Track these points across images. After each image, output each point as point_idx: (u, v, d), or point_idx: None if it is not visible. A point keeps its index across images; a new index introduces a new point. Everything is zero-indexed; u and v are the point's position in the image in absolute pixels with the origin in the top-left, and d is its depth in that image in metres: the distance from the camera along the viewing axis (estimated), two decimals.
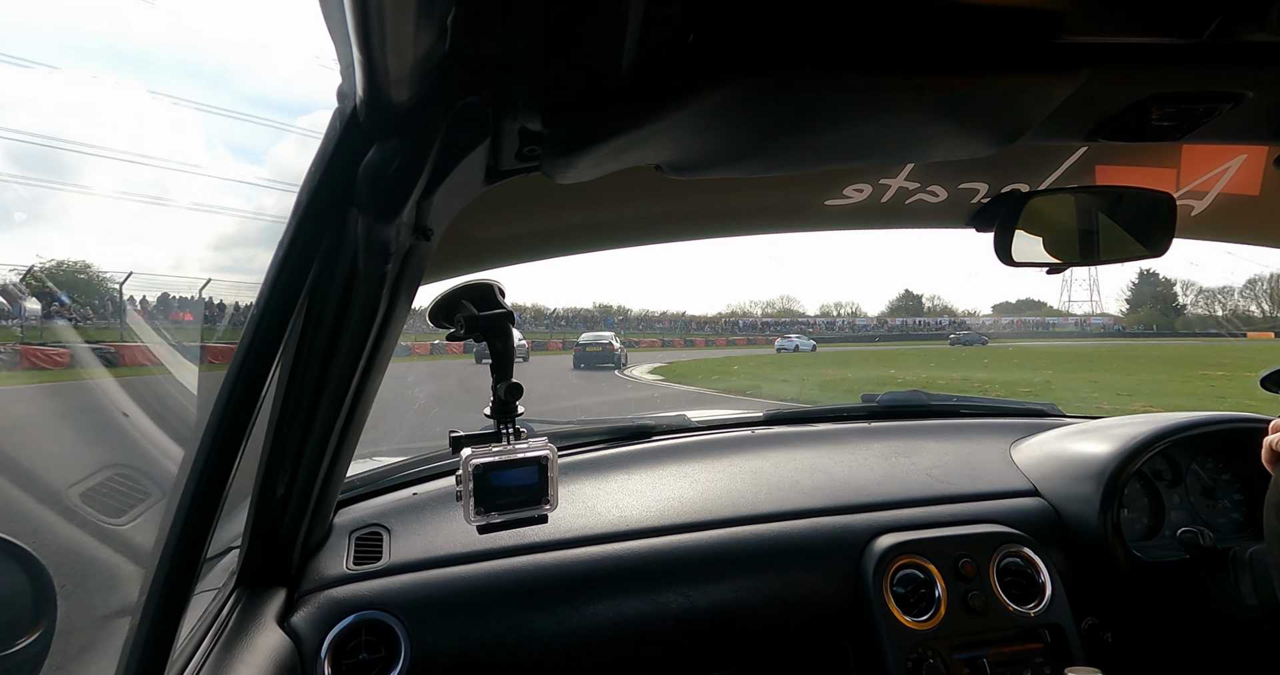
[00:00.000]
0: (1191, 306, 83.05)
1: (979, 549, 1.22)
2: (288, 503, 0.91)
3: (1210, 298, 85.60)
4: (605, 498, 1.27)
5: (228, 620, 0.87)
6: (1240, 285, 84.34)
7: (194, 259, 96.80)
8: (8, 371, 12.06)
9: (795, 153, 0.61)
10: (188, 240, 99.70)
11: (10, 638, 0.66)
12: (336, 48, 0.48)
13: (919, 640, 1.14)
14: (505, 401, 0.79)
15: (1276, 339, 51.45)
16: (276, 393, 0.78)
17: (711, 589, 1.13)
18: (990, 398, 1.98)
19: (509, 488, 0.77)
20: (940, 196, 1.03)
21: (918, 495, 1.34)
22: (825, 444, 1.54)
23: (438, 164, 0.55)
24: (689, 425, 1.61)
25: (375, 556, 1.09)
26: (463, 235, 0.91)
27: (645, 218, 1.06)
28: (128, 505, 1.33)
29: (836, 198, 1.02)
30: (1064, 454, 1.43)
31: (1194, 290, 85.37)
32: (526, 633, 1.04)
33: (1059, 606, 1.20)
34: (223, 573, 1.00)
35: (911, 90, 0.50)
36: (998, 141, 0.59)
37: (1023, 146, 0.60)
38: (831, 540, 1.22)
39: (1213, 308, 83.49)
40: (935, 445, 1.55)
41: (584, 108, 0.51)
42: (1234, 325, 73.83)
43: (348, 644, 0.96)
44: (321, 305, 0.69)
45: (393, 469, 1.34)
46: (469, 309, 0.79)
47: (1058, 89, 0.52)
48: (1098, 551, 1.27)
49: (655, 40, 0.44)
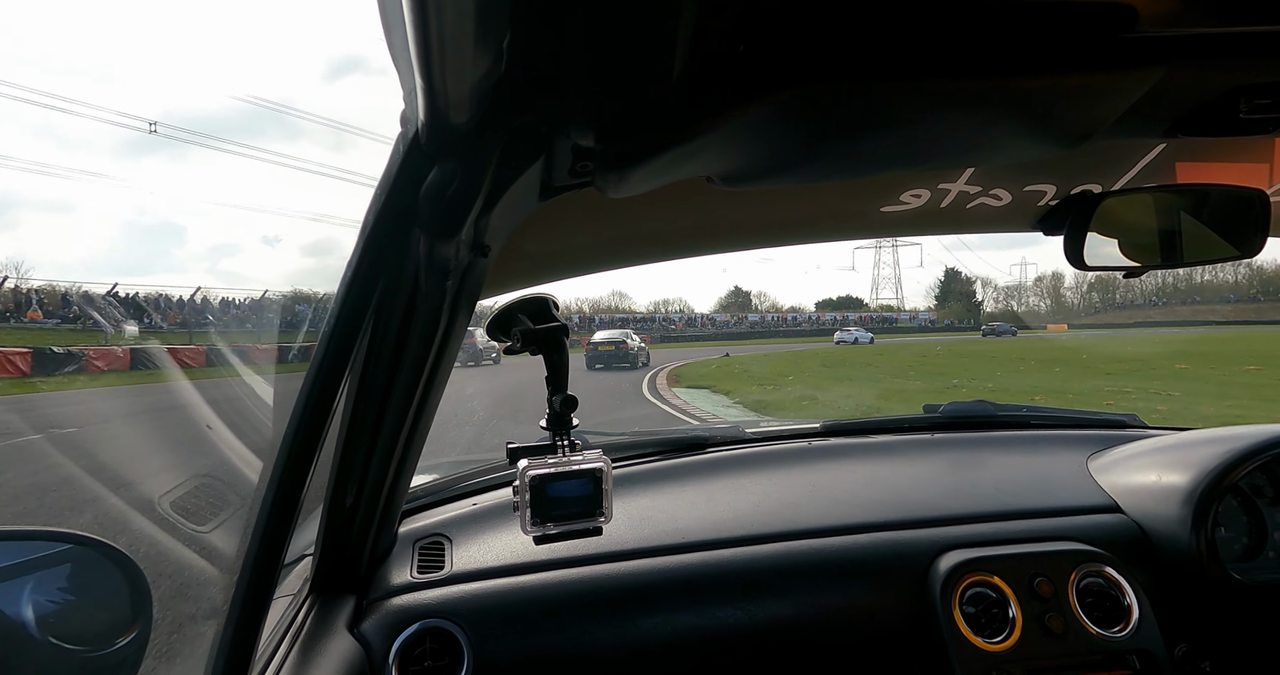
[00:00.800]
0: (993, 303, 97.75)
1: (1056, 567, 1.15)
2: (356, 512, 0.94)
3: (1007, 294, 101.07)
4: (660, 510, 1.27)
5: (303, 625, 0.91)
6: (1030, 282, 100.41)
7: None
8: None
9: (850, 160, 0.60)
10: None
11: (111, 637, 0.71)
12: (400, 74, 0.51)
13: (992, 662, 1.08)
14: (560, 413, 0.80)
15: (1070, 330, 59.99)
16: (345, 407, 0.81)
17: (770, 604, 1.11)
18: (1064, 408, 1.87)
19: (564, 499, 0.78)
20: (1004, 200, 0.99)
21: (986, 510, 1.28)
22: (886, 456, 1.49)
23: (495, 182, 0.57)
24: (744, 436, 1.59)
25: (438, 565, 1.12)
26: (517, 251, 0.94)
27: (697, 229, 1.06)
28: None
29: (893, 204, 0.99)
30: (1150, 467, 1.34)
31: (991, 287, 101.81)
32: (584, 644, 1.04)
33: (1148, 631, 1.12)
34: (297, 580, 1.05)
35: (974, 92, 0.48)
36: (1067, 142, 0.56)
37: (1094, 146, 0.58)
38: (895, 556, 1.18)
39: (1009, 304, 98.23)
40: (1004, 458, 1.48)
41: (636, 123, 0.51)
42: (1031, 319, 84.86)
43: (414, 651, 0.99)
44: (386, 322, 0.72)
45: (454, 480, 1.37)
46: (525, 323, 0.81)
47: (1133, 86, 0.49)
48: (1191, 573, 1.18)
49: (706, 52, 0.45)
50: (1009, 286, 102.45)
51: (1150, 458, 1.38)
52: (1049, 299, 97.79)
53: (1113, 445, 1.50)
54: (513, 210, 0.65)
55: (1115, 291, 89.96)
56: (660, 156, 0.53)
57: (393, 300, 0.69)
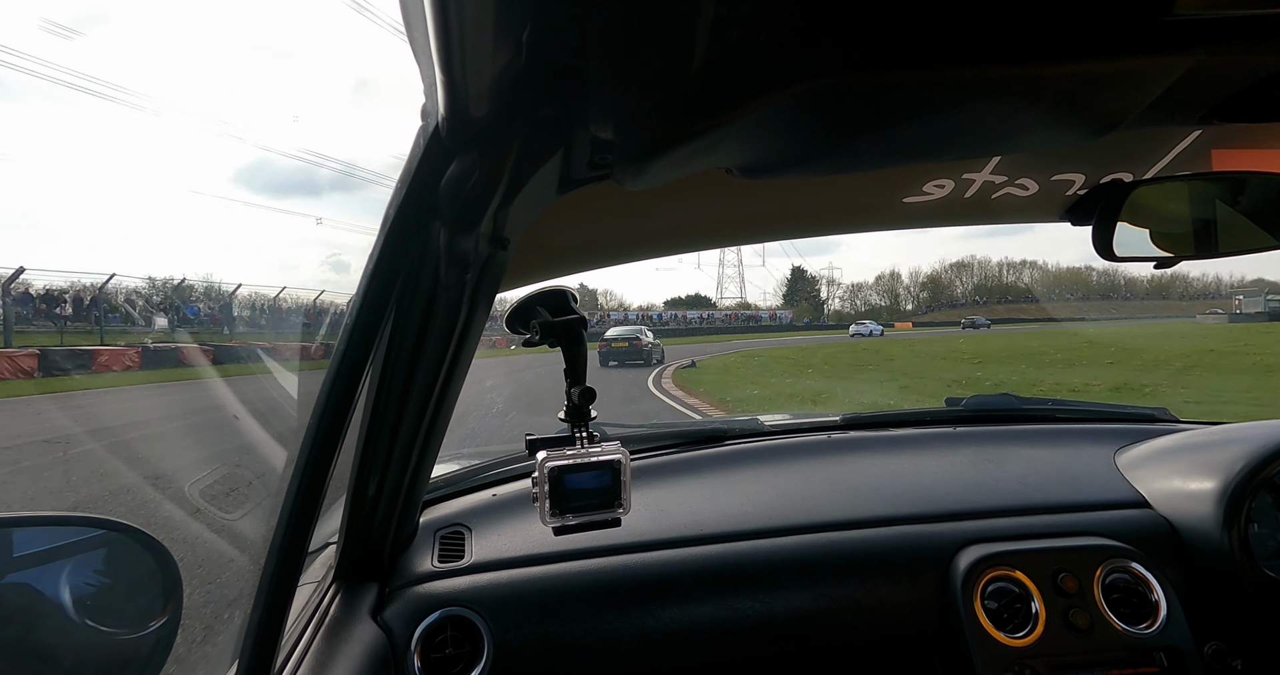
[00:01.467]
0: (840, 302, 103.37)
1: (1081, 563, 1.14)
2: (378, 502, 0.96)
3: (852, 293, 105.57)
4: (678, 502, 1.27)
5: (328, 611, 0.93)
6: (871, 281, 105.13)
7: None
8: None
9: (872, 151, 0.59)
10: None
11: (144, 620, 0.73)
12: (420, 68, 0.51)
13: (1015, 657, 1.07)
14: (579, 405, 0.80)
15: (914, 329, 64.29)
16: (367, 398, 0.82)
17: (789, 596, 1.11)
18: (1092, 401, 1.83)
19: (583, 490, 0.78)
20: (1030, 190, 0.96)
21: (1010, 504, 1.26)
22: (907, 449, 1.47)
23: (514, 175, 0.57)
24: (762, 429, 1.59)
25: (458, 555, 1.13)
26: (536, 243, 0.94)
27: (715, 221, 1.05)
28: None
29: (916, 195, 0.97)
30: (1179, 462, 1.31)
31: (836, 287, 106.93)
32: (602, 634, 1.05)
33: (1176, 628, 1.10)
34: (321, 567, 1.07)
35: (1001, 80, 0.47)
36: (1095, 130, 0.55)
37: (1125, 133, 0.56)
38: (916, 550, 1.17)
39: (854, 304, 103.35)
40: (1029, 451, 1.46)
41: (655, 115, 0.51)
42: (875, 317, 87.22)
43: (435, 638, 1.01)
44: (407, 314, 0.73)
45: (474, 470, 1.39)
46: (544, 315, 0.81)
47: (1166, 71, 0.47)
48: (1222, 570, 1.16)
49: (726, 43, 0.44)
50: (854, 285, 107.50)
51: (1180, 452, 1.34)
52: (887, 298, 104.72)
53: (1141, 439, 1.47)
54: (532, 203, 0.65)
55: (943, 291, 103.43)
56: (679, 148, 0.52)
57: (413, 293, 0.70)
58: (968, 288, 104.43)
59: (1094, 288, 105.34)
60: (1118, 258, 0.94)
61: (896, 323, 79.02)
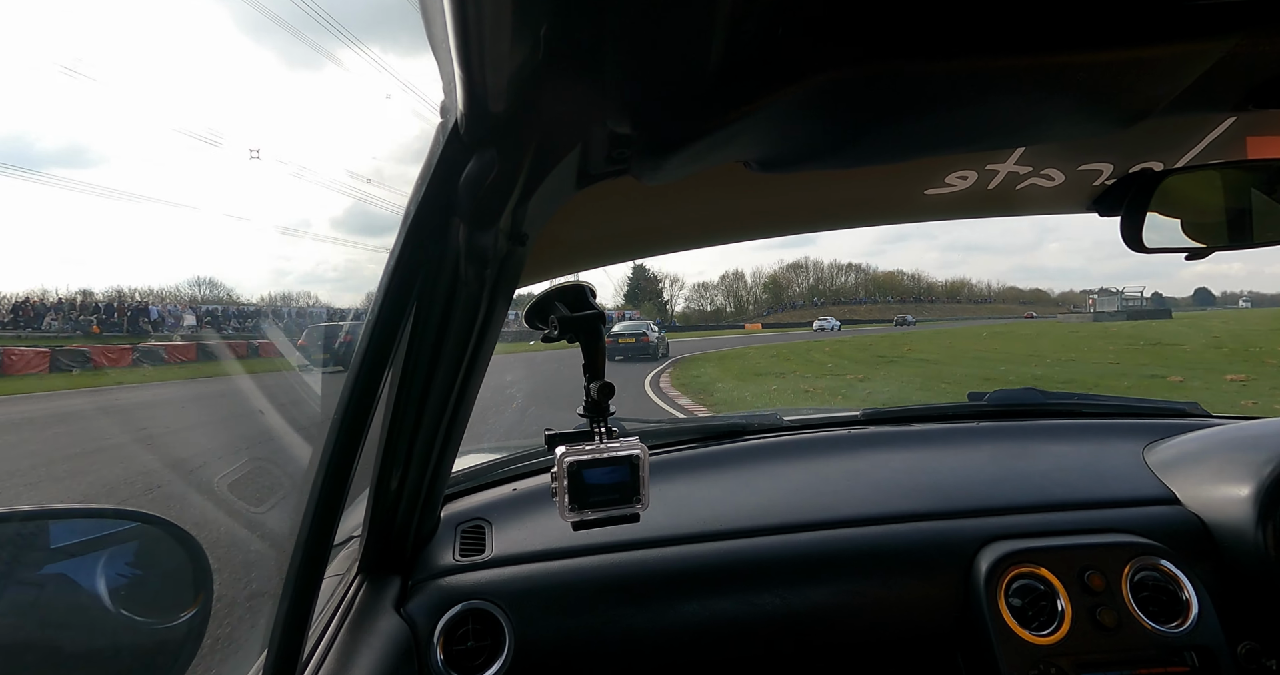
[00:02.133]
0: (684, 302, 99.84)
1: (1108, 560, 1.12)
2: (401, 496, 0.97)
3: (698, 293, 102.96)
4: (697, 497, 1.27)
5: (353, 603, 0.95)
6: (715, 281, 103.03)
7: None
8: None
9: (893, 144, 0.58)
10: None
11: (176, 610, 0.75)
12: (439, 65, 0.51)
13: (1039, 655, 1.05)
14: (598, 401, 0.81)
15: (765, 331, 62.73)
16: (389, 393, 0.83)
17: (808, 592, 1.10)
18: (1120, 396, 1.79)
19: (602, 486, 0.78)
20: (1056, 180, 0.94)
21: (1034, 500, 1.24)
22: (928, 445, 1.46)
23: (532, 171, 0.57)
24: (782, 424, 1.58)
25: (479, 548, 1.15)
26: (553, 239, 0.94)
27: (733, 215, 1.04)
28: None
29: (938, 187, 0.96)
30: (1211, 458, 1.28)
31: (679, 286, 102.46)
32: (622, 628, 1.06)
33: (1207, 627, 1.07)
34: (345, 560, 1.09)
35: (1024, 70, 0.45)
36: (1125, 119, 0.53)
37: (1155, 121, 0.54)
38: (938, 546, 1.16)
39: (702, 304, 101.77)
40: (1054, 447, 1.43)
41: (672, 109, 0.51)
42: (720, 318, 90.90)
43: (457, 631, 1.02)
44: (428, 311, 0.73)
45: (494, 465, 1.40)
46: (562, 311, 0.81)
47: (1201, 57, 0.45)
48: (1256, 569, 1.13)
49: (744, 36, 0.44)
50: (699, 285, 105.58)
51: (1212, 448, 1.31)
52: (731, 301, 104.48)
53: (1170, 435, 1.44)
54: (550, 199, 0.65)
55: (782, 292, 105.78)
56: (697, 143, 0.52)
57: (434, 289, 0.71)
58: (803, 289, 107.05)
59: (908, 291, 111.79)
60: (1147, 249, 0.92)
61: (747, 325, 79.12)
